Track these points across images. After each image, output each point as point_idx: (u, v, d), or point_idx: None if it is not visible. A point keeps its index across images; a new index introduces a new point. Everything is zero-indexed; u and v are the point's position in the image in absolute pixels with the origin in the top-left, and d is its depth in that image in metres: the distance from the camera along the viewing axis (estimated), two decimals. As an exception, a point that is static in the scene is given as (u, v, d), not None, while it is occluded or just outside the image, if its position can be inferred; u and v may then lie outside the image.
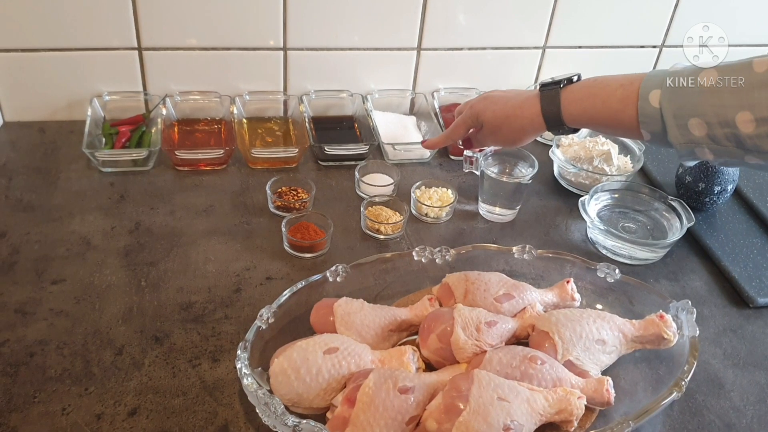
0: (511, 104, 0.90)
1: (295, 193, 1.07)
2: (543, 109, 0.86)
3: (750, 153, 0.71)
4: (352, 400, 0.69)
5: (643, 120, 0.77)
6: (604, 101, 0.80)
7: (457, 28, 1.26)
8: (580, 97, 0.83)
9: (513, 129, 0.90)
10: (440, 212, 1.07)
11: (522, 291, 0.86)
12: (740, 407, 0.83)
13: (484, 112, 0.92)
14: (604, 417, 0.77)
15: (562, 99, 0.84)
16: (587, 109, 0.82)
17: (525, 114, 0.88)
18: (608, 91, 0.80)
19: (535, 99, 0.87)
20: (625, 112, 0.79)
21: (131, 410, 0.74)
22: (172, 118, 1.21)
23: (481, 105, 0.93)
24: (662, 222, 1.07)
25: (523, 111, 0.88)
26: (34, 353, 0.80)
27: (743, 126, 0.69)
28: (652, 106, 0.75)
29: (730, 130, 0.70)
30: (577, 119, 0.84)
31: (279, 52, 1.22)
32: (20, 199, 1.03)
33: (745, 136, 0.69)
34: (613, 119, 0.80)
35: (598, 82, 0.83)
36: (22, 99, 1.19)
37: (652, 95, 0.75)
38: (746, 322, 0.95)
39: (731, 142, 0.71)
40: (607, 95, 0.80)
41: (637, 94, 0.77)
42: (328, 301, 0.83)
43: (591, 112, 0.82)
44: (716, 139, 0.72)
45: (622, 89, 0.79)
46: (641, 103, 0.76)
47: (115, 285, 0.90)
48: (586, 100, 0.83)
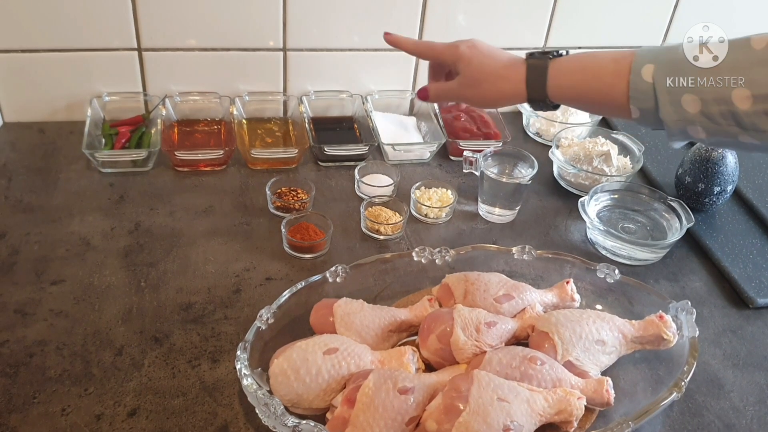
0: (500, 62, 0.84)
1: (295, 194, 1.07)
2: (528, 77, 0.81)
3: (746, 131, 0.69)
4: (351, 400, 0.69)
5: (634, 95, 0.73)
6: (595, 75, 0.77)
7: (456, 29, 1.26)
8: (570, 69, 0.79)
9: (492, 89, 0.84)
10: (440, 213, 1.07)
11: (522, 291, 0.86)
12: (740, 408, 0.83)
13: (470, 61, 0.84)
14: (604, 417, 0.77)
15: (550, 71, 0.79)
16: (577, 82, 0.78)
17: (510, 76, 0.82)
18: (600, 65, 0.77)
19: (521, 65, 0.81)
20: (616, 87, 0.75)
21: (131, 411, 0.74)
22: (171, 119, 1.21)
23: (468, 51, 0.85)
24: (662, 222, 1.07)
25: (509, 72, 0.82)
26: (34, 354, 0.80)
27: (740, 103, 0.67)
28: (645, 81, 0.72)
29: (726, 107, 0.68)
30: (564, 93, 0.80)
31: (279, 53, 1.22)
32: (20, 199, 1.03)
33: (742, 113, 0.67)
34: (602, 94, 0.76)
35: (588, 56, 0.79)
36: (21, 100, 1.18)
37: (645, 69, 0.72)
38: (746, 322, 0.95)
39: (727, 119, 0.69)
40: (599, 68, 0.77)
41: (629, 68, 0.73)
42: (327, 302, 0.83)
43: (580, 85, 0.78)
44: (711, 117, 0.69)
45: (614, 63, 0.75)
46: (633, 77, 0.73)
47: (114, 285, 0.90)
48: (577, 73, 0.78)
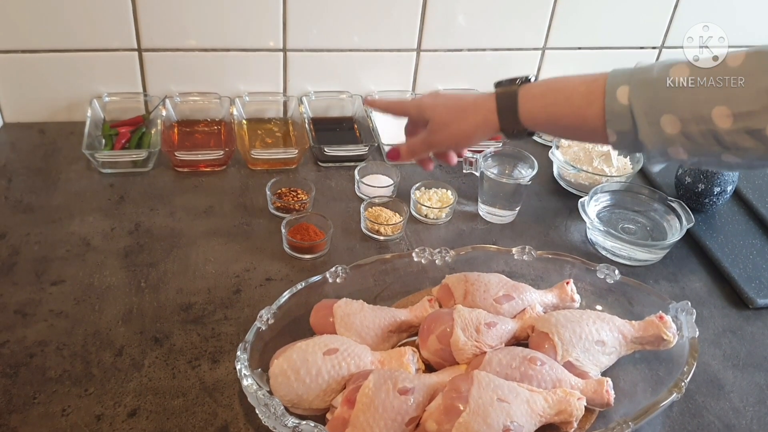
0: (464, 102, 0.83)
1: (295, 194, 1.07)
2: (499, 105, 0.79)
3: (727, 150, 0.67)
4: (351, 401, 0.69)
5: (610, 118, 0.70)
6: (567, 98, 0.74)
7: (456, 29, 1.26)
8: (540, 93, 0.77)
9: (462, 127, 0.82)
10: (440, 213, 1.07)
11: (522, 292, 0.86)
12: (740, 408, 0.83)
13: (435, 107, 0.84)
14: (604, 418, 0.77)
15: (520, 96, 0.77)
16: (548, 106, 0.76)
17: (479, 110, 0.81)
18: (571, 88, 0.74)
19: (490, 97, 0.80)
20: (590, 110, 0.72)
21: (131, 411, 0.74)
22: (171, 119, 1.21)
23: (430, 100, 0.86)
24: (662, 223, 1.07)
25: (477, 107, 0.81)
26: (34, 354, 0.80)
27: (720, 121, 0.65)
28: (620, 102, 0.69)
29: (705, 126, 0.66)
30: (536, 118, 0.77)
31: (279, 53, 1.22)
32: (20, 200, 1.03)
33: (723, 132, 0.66)
34: (576, 118, 0.74)
35: (559, 80, 0.77)
36: (22, 100, 1.19)
37: (620, 91, 0.70)
38: (746, 323, 0.95)
39: (707, 139, 0.66)
40: (570, 92, 0.74)
41: (603, 91, 0.71)
42: (327, 302, 0.83)
43: (551, 109, 0.76)
44: (691, 137, 0.67)
45: (585, 86, 0.73)
46: (608, 99, 0.70)
47: (114, 286, 0.90)
48: (547, 95, 0.76)
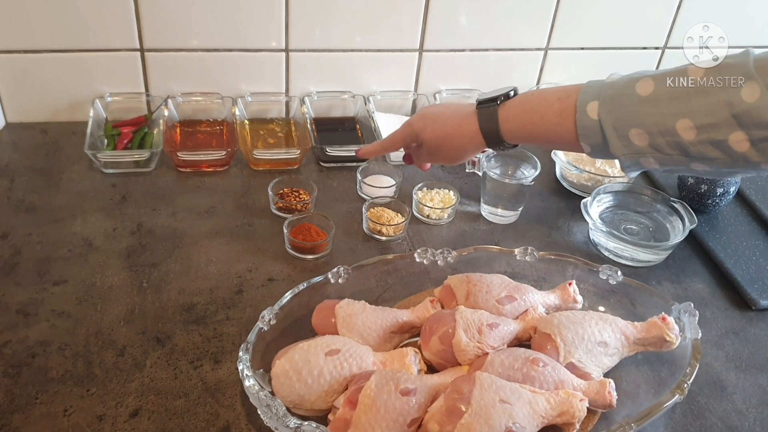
0: (450, 123, 0.87)
1: (297, 195, 1.07)
2: (481, 126, 0.83)
3: (695, 160, 0.69)
4: (353, 401, 0.69)
5: (582, 133, 0.75)
6: (542, 116, 0.78)
7: (459, 30, 1.26)
8: (517, 113, 0.80)
9: (453, 148, 0.87)
10: (442, 214, 1.07)
11: (524, 293, 0.86)
12: (743, 410, 0.83)
13: (424, 131, 0.88)
14: (606, 419, 0.77)
15: (500, 116, 0.81)
16: (525, 124, 0.80)
17: (464, 132, 0.85)
18: (545, 106, 0.78)
19: (473, 116, 0.84)
20: (564, 126, 0.76)
21: (133, 411, 0.74)
22: (174, 120, 1.21)
23: (420, 124, 0.89)
24: (664, 224, 1.07)
25: (462, 129, 0.85)
26: (36, 354, 0.80)
27: (684, 133, 0.68)
28: (591, 118, 0.73)
29: (671, 138, 0.68)
30: (516, 135, 0.82)
31: (281, 54, 1.22)
32: (22, 200, 1.03)
33: (688, 143, 0.68)
34: (552, 133, 0.78)
35: (535, 96, 0.80)
36: (24, 100, 1.19)
37: (590, 107, 0.73)
38: (749, 324, 0.95)
39: (675, 150, 0.69)
40: (545, 110, 0.78)
41: (574, 107, 0.75)
42: (329, 303, 0.83)
43: (529, 127, 0.80)
44: (659, 148, 0.70)
45: (559, 102, 0.77)
46: (579, 115, 0.74)
47: (116, 286, 0.90)
48: (524, 115, 0.80)
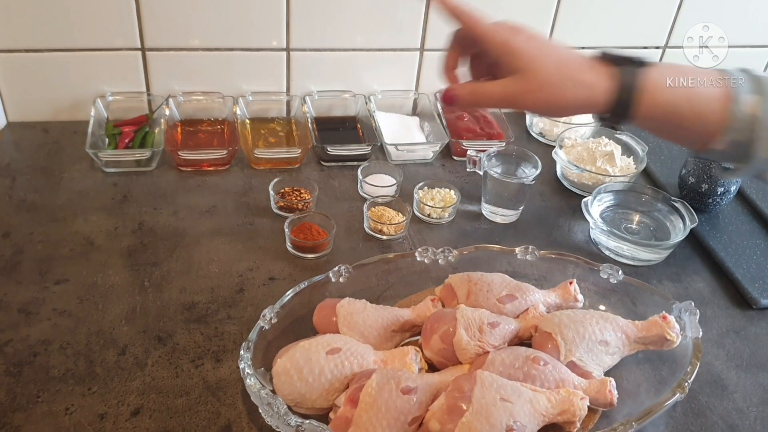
0: (573, 66, 0.66)
1: (298, 194, 1.07)
2: (622, 86, 0.64)
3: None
4: (354, 400, 0.69)
5: (733, 126, 0.65)
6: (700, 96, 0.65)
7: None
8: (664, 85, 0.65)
9: (568, 96, 0.65)
10: (443, 213, 1.07)
11: (525, 292, 0.86)
12: (743, 409, 0.83)
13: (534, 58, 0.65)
14: (607, 418, 0.77)
15: (646, 86, 0.65)
16: (673, 101, 0.65)
17: (589, 85, 0.65)
18: (702, 86, 0.66)
19: (606, 71, 0.66)
20: (715, 114, 0.65)
21: (134, 410, 0.75)
22: (175, 119, 1.21)
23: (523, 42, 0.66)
24: (665, 223, 1.07)
25: (590, 79, 0.65)
26: (38, 353, 0.80)
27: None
28: (745, 112, 0.64)
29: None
30: (653, 112, 0.66)
31: (282, 53, 1.22)
32: (24, 199, 1.04)
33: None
34: (696, 119, 0.66)
35: (682, 70, 0.66)
36: (25, 99, 1.19)
37: (748, 100, 0.64)
38: (749, 323, 0.95)
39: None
40: (702, 91, 0.65)
41: (727, 95, 0.65)
42: (330, 302, 0.83)
43: (675, 106, 0.65)
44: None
45: (714, 87, 0.66)
46: (735, 106, 0.64)
47: (118, 285, 0.90)
48: (678, 91, 0.65)
